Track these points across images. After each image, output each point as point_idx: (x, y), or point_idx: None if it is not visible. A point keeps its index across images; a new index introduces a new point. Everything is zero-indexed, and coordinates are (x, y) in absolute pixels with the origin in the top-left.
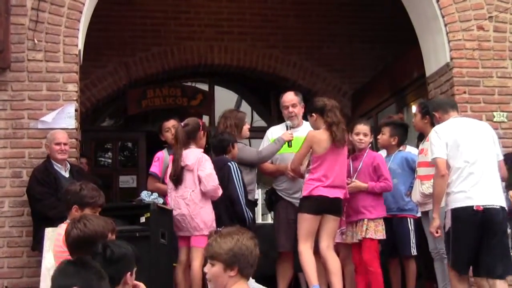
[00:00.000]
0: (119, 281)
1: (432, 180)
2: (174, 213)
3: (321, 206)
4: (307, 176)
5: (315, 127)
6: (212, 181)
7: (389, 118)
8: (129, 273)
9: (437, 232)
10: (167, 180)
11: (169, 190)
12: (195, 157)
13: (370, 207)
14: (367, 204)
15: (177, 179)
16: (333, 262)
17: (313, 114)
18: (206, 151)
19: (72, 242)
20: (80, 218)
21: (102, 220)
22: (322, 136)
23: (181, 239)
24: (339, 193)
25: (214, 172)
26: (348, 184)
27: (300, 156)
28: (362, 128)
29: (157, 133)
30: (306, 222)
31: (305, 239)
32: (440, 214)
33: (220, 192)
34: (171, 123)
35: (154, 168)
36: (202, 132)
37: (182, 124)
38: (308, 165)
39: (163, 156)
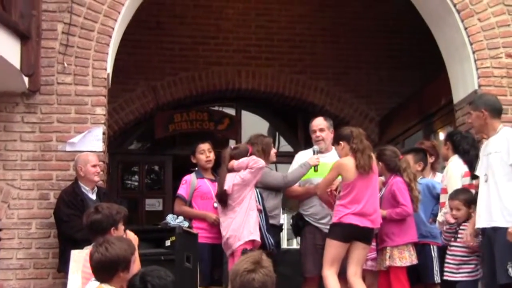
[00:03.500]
0: None
1: (444, 208)
2: (223, 234)
3: (350, 234)
4: (337, 202)
5: (342, 155)
6: (253, 168)
7: (420, 144)
8: None
9: None
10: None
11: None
12: (231, 180)
13: (392, 234)
14: (388, 231)
15: (221, 200)
16: None
17: (341, 142)
18: None
19: (95, 265)
20: (103, 242)
21: (125, 243)
22: (350, 162)
23: (231, 258)
24: (368, 222)
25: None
26: None
27: (326, 182)
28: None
29: (185, 156)
30: (333, 248)
31: (330, 265)
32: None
33: (260, 163)
34: (206, 146)
35: (182, 190)
36: None
37: (232, 147)
38: (339, 191)
39: (190, 180)
